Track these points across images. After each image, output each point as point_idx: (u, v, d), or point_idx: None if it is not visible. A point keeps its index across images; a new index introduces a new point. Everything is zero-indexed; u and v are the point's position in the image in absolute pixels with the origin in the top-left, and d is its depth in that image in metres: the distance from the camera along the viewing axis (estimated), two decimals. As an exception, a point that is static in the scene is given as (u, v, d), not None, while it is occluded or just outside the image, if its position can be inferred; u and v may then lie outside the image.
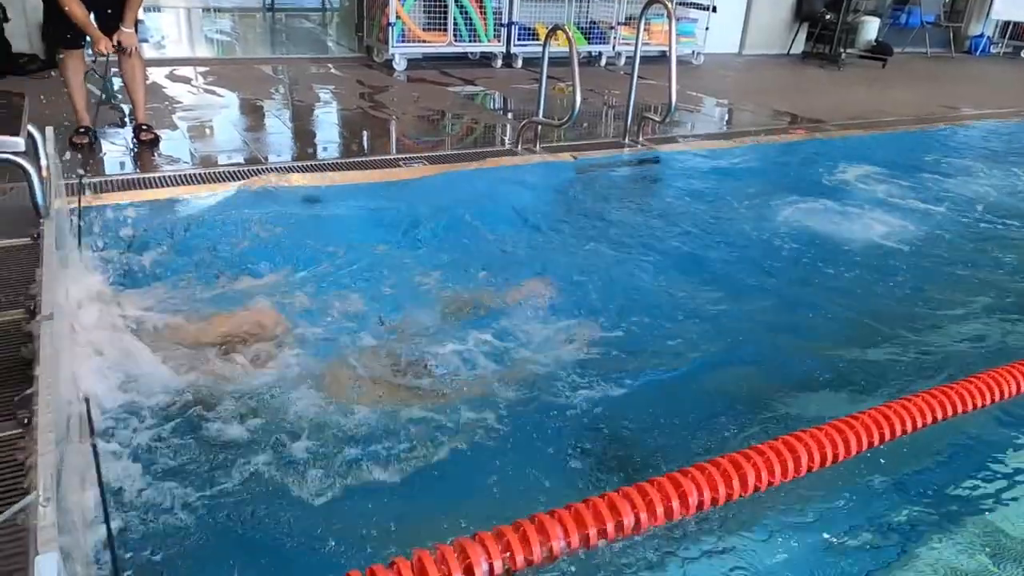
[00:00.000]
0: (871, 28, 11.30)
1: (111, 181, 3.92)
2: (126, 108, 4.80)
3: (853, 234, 4.34)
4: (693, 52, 9.59)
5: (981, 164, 6.06)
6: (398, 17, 7.54)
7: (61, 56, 4.36)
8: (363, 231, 3.75)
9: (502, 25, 8.19)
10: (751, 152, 5.73)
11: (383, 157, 4.71)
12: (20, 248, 2.83)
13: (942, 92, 8.98)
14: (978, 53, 12.84)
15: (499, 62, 8.35)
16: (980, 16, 13.02)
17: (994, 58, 12.88)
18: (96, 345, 2.41)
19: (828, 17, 10.61)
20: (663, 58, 7.68)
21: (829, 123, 6.72)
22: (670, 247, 3.94)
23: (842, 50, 10.44)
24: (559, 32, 4.76)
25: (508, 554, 1.58)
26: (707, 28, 9.49)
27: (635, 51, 5.34)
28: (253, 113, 5.78)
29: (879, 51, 10.91)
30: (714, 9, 9.33)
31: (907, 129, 6.80)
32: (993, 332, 3.28)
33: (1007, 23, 12.96)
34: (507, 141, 5.41)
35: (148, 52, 7.64)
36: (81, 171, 3.93)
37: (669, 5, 4.96)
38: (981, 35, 12.96)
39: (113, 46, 4.27)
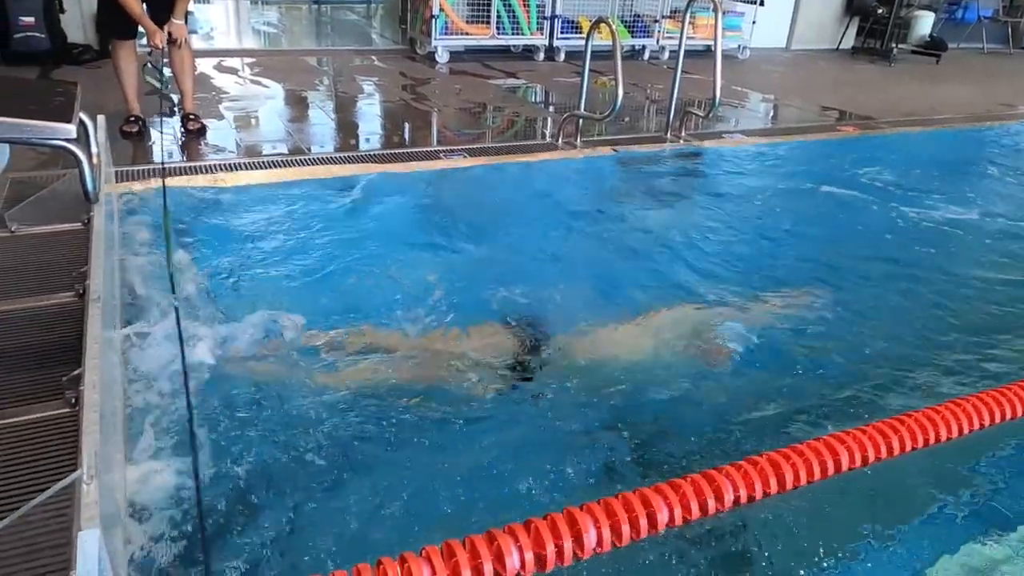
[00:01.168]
0: (925, 23, 10.96)
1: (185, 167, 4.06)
2: (175, 98, 4.90)
3: (903, 232, 4.23)
4: (739, 47, 9.43)
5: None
6: (441, 10, 7.56)
7: (113, 46, 4.46)
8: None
9: (545, 18, 8.15)
10: (796, 149, 5.61)
11: (423, 149, 4.73)
12: (71, 233, 2.90)
13: (999, 89, 8.68)
14: (1038, 49, 12.38)
15: (541, 55, 8.32)
16: (1041, 11, 12.54)
17: (1055, 55, 12.41)
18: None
19: (880, 11, 10.34)
20: (707, 52, 7.59)
21: (880, 120, 6.55)
22: (706, 243, 3.88)
23: (894, 45, 10.16)
24: (602, 25, 4.71)
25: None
26: (754, 22, 9.32)
27: (680, 45, 5.27)
28: (297, 104, 5.85)
29: (933, 47, 10.58)
30: (761, 3, 9.16)
31: (961, 127, 6.60)
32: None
33: (1070, 18, 12.46)
34: (548, 135, 5.39)
35: (197, 43, 7.80)
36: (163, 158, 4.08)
37: (716, -2, 4.88)
38: (1042, 31, 12.49)
39: (164, 37, 4.36)
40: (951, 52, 10.72)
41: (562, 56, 8.36)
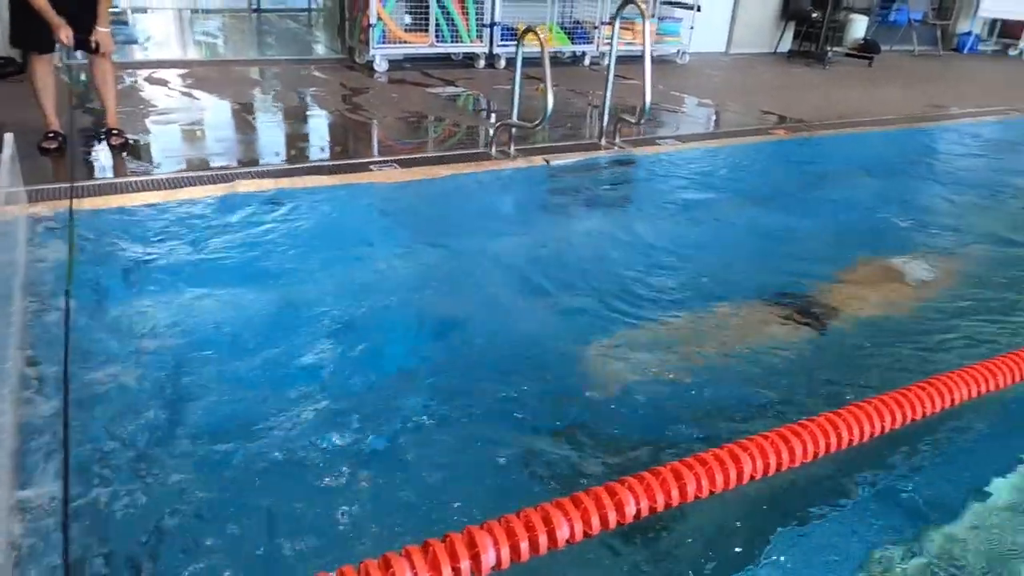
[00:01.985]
0: (859, 26, 11.28)
1: (102, 185, 3.92)
2: (97, 112, 4.78)
3: (832, 234, 4.33)
4: (678, 51, 9.57)
5: (968, 163, 6.05)
6: (379, 18, 7.51)
7: (30, 61, 4.32)
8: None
9: (485, 26, 8.16)
10: (731, 153, 5.71)
11: (355, 161, 4.69)
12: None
13: (929, 91, 8.96)
14: (966, 51, 12.82)
15: (482, 63, 8.32)
16: (968, 13, 13.00)
17: (981, 56, 12.87)
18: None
19: (815, 15, 10.58)
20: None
21: (814, 122, 6.70)
22: (623, 251, 3.90)
23: (829, 48, 10.42)
24: (532, 33, 4.73)
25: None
26: (692, 27, 9.46)
27: (611, 51, 5.32)
28: (231, 117, 5.75)
29: (866, 49, 10.89)
30: (698, 8, 9.30)
31: (893, 128, 6.78)
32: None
33: (995, 21, 12.94)
34: (484, 144, 5.39)
35: (129, 55, 7.62)
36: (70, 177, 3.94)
37: (643, 5, 4.94)
38: (969, 33, 12.94)
39: (92, 46, 4.25)
40: (884, 54, 11.04)
41: (503, 63, 8.37)
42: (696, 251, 3.97)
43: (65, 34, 4.14)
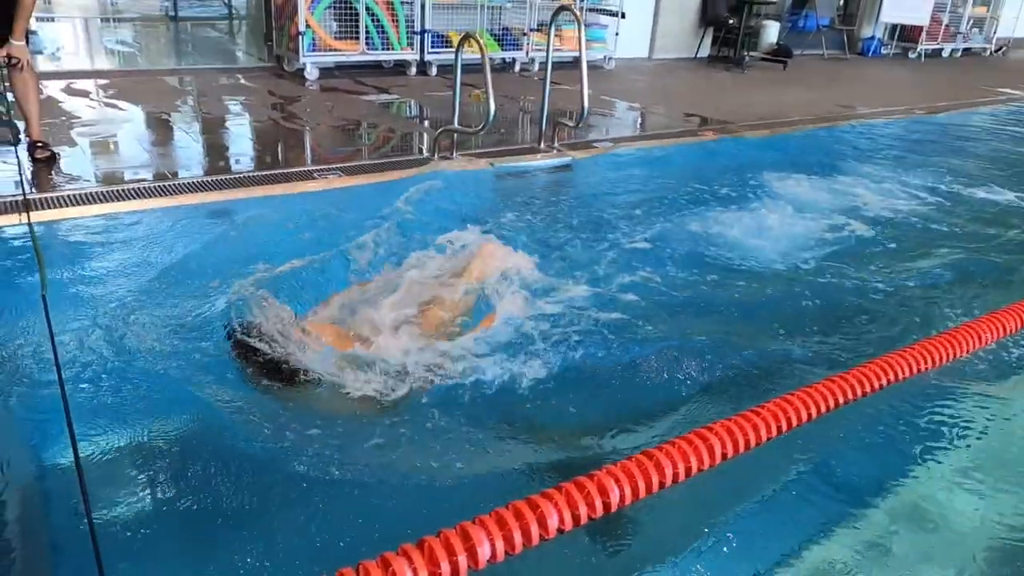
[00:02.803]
0: (772, 32, 11.82)
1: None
2: (20, 124, 4.56)
3: (756, 228, 4.53)
4: (605, 57, 9.80)
5: (876, 159, 6.42)
6: (308, 26, 7.42)
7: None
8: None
9: (415, 33, 8.16)
10: (661, 154, 5.90)
11: (297, 169, 4.63)
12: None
13: (838, 92, 9.46)
14: (870, 54, 13.58)
15: (413, 70, 8.32)
16: (871, 19, 13.78)
17: (885, 59, 13.64)
18: None
19: (731, 22, 11.02)
20: (576, 63, 7.83)
21: (736, 124, 6.98)
22: (575, 251, 4.00)
23: (745, 53, 10.86)
24: (471, 39, 4.78)
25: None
26: (617, 34, 9.71)
27: (547, 57, 5.42)
28: (158, 127, 5.58)
29: (780, 54, 11.41)
30: (623, 15, 9.56)
31: (808, 128, 7.14)
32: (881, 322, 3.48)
33: (895, 26, 13.75)
34: (424, 150, 5.41)
35: (44, 65, 7.28)
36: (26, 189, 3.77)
37: (577, 12, 5.06)
38: (872, 37, 13.71)
39: (3, 60, 4.07)
40: (796, 58, 11.58)
41: (434, 70, 8.39)
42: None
43: None
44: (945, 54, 14.43)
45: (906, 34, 13.80)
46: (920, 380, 2.60)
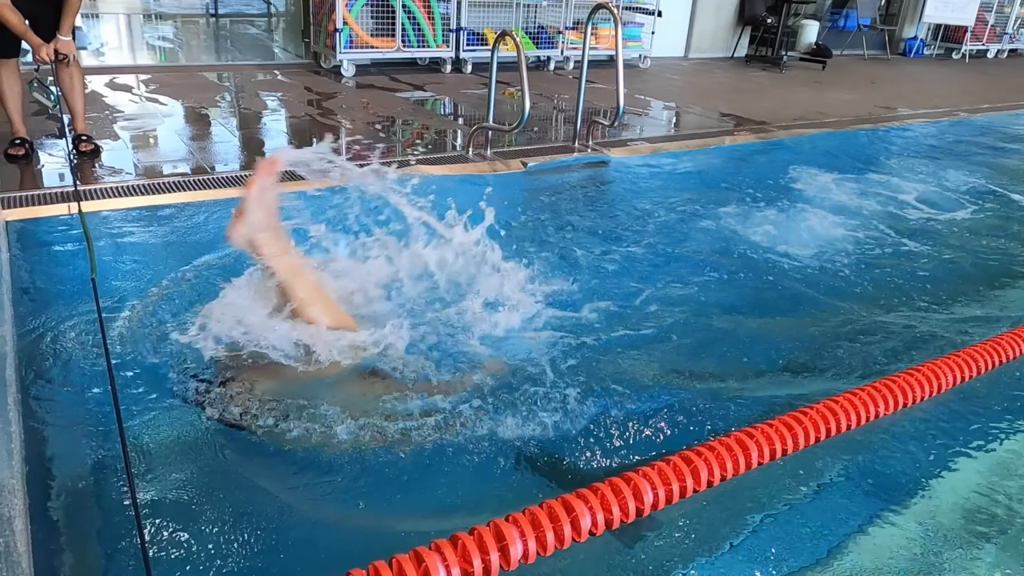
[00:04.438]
0: (811, 31, 11.65)
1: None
2: (65, 118, 4.67)
3: (795, 230, 4.46)
4: (640, 56, 9.74)
5: (917, 162, 6.29)
6: (345, 23, 7.48)
7: (-6, 65, 4.23)
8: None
9: (450, 30, 8.19)
10: (699, 154, 5.84)
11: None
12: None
13: (879, 93, 9.29)
14: (912, 55, 13.32)
15: (448, 67, 8.35)
16: (913, 19, 13.51)
17: (927, 60, 13.37)
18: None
19: (769, 21, 10.88)
20: (611, 62, 7.79)
21: (773, 124, 6.89)
22: (614, 250, 3.98)
23: (783, 53, 10.72)
24: (507, 37, 4.78)
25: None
26: (653, 32, 9.65)
27: (583, 56, 5.40)
28: (198, 122, 5.67)
29: (819, 54, 11.24)
30: (659, 14, 9.50)
31: (847, 129, 7.01)
32: (925, 325, 3.41)
33: (938, 26, 13.46)
34: (458, 147, 5.42)
35: (88, 60, 7.45)
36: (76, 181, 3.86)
37: (615, 10, 5.04)
38: (915, 37, 13.44)
39: (51, 54, 4.17)
40: (835, 59, 11.40)
41: (469, 68, 8.41)
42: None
43: (46, 53, 4.09)
44: (990, 55, 14.10)
45: (950, 34, 13.52)
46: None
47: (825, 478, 2.34)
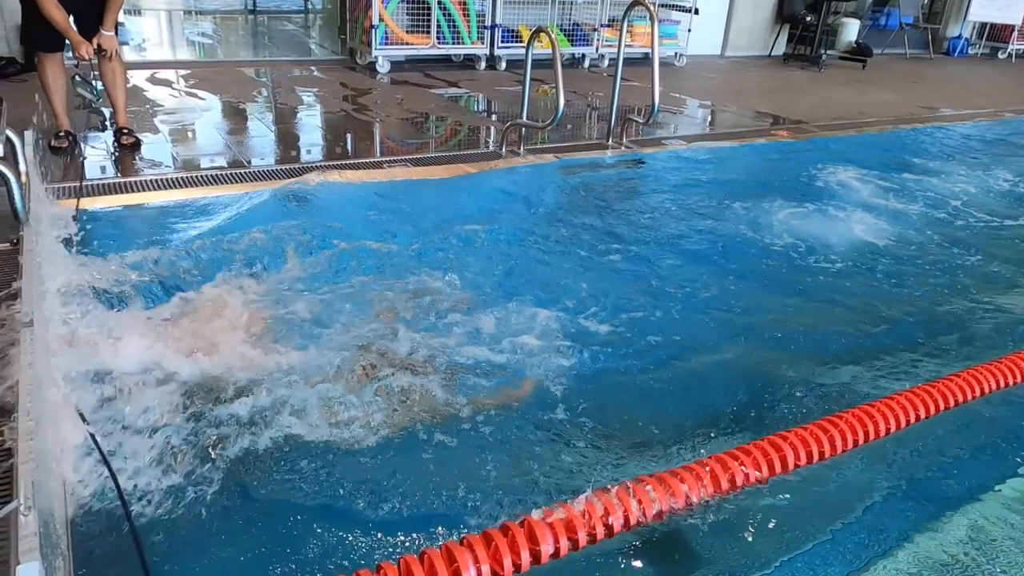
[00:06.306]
0: (851, 30, 11.43)
1: (108, 184, 3.91)
2: (106, 112, 4.76)
3: (834, 232, 4.38)
4: (676, 54, 9.65)
5: (959, 164, 6.14)
6: (381, 19, 7.53)
7: (39, 60, 4.31)
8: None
9: (485, 27, 8.19)
10: (734, 153, 5.76)
11: (366, 160, 4.70)
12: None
13: (921, 93, 9.08)
14: (956, 54, 13.01)
15: (483, 64, 8.35)
16: (958, 18, 13.19)
17: (971, 59, 13.05)
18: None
19: (809, 19, 10.70)
20: (646, 60, 7.74)
21: (811, 124, 6.77)
22: (647, 248, 3.95)
23: (823, 52, 10.53)
24: (542, 34, 4.76)
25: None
26: (689, 30, 9.55)
27: (618, 53, 5.36)
28: (236, 116, 5.75)
29: (859, 53, 11.02)
30: (696, 11, 9.40)
31: (888, 130, 6.87)
32: (978, 327, 3.32)
33: (984, 24, 13.13)
34: (491, 143, 5.42)
35: (129, 55, 7.59)
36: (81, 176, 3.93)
37: (651, 7, 4.99)
38: (959, 36, 13.13)
39: (94, 49, 4.25)
40: (876, 58, 11.18)
41: (503, 65, 8.41)
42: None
43: (87, 50, 4.17)
44: (1038, 55, 13.72)
45: (995, 33, 13.18)
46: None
47: (864, 484, 2.29)
